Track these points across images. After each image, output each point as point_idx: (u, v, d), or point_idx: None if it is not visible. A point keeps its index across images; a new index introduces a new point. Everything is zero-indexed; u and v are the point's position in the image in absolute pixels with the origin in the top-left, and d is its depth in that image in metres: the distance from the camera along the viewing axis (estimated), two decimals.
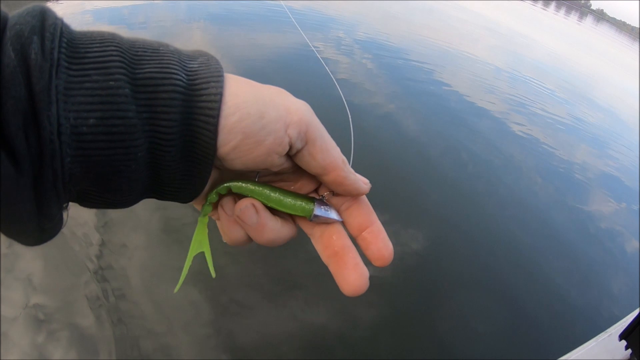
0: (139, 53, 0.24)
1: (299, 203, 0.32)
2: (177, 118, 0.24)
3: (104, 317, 1.73)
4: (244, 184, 0.31)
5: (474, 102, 5.20)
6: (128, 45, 0.24)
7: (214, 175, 0.30)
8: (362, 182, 0.31)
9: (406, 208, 2.95)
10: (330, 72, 4.51)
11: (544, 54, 11.90)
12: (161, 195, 0.28)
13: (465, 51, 7.90)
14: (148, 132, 0.23)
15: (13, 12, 0.23)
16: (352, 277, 0.30)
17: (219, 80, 0.25)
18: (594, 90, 9.50)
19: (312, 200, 0.33)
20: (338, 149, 0.30)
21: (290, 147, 0.28)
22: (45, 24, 0.22)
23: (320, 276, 2.20)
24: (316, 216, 0.32)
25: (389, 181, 3.16)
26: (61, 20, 0.23)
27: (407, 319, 2.14)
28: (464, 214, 3.08)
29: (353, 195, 0.32)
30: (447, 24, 10.98)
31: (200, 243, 0.34)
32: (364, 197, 0.33)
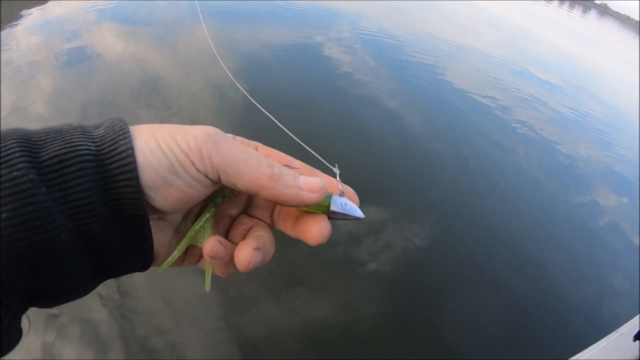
0: (42, 138, 0.25)
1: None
2: (92, 187, 0.24)
3: (113, 314, 1.73)
4: None
5: (477, 96, 5.18)
6: (31, 134, 0.25)
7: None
8: (308, 191, 0.30)
9: (409, 204, 2.95)
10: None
11: (547, 48, 11.81)
12: (115, 271, 0.28)
13: (468, 46, 7.86)
14: (65, 210, 0.23)
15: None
16: (315, 228, 0.31)
17: (125, 136, 0.26)
18: (597, 84, 9.44)
19: (329, 195, 0.32)
20: (261, 165, 0.28)
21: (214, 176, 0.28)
22: None
23: (324, 271, 2.21)
24: (334, 212, 0.31)
25: (391, 178, 3.16)
26: None
27: (410, 314, 2.15)
28: (466, 211, 3.07)
29: (302, 206, 0.31)
30: (450, 19, 10.91)
31: (198, 234, 0.32)
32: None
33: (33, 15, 4.30)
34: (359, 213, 0.32)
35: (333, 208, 0.31)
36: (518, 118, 4.98)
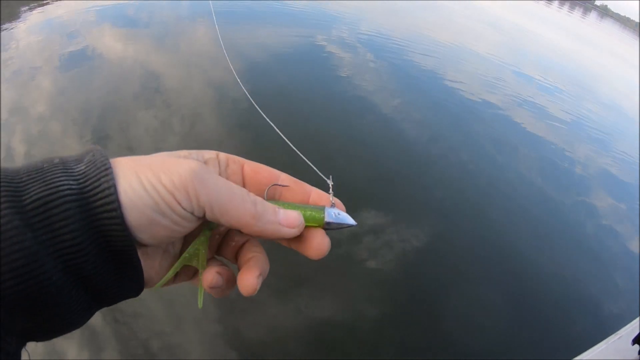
0: (23, 179, 0.24)
1: (309, 213, 0.32)
2: (78, 227, 0.24)
3: (111, 315, 1.73)
4: None
5: (477, 98, 5.18)
6: (12, 174, 0.24)
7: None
8: (287, 227, 0.31)
9: (409, 204, 2.95)
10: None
11: (547, 49, 11.82)
12: (108, 301, 0.28)
13: (468, 47, 7.86)
14: (53, 253, 0.23)
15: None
16: (316, 243, 0.32)
17: (107, 173, 0.25)
18: (598, 85, 9.44)
19: (322, 208, 0.33)
20: (245, 203, 0.29)
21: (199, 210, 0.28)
22: None
23: (325, 271, 2.21)
24: (328, 223, 0.33)
25: (391, 178, 3.16)
26: None
27: (411, 313, 2.15)
28: (466, 210, 3.07)
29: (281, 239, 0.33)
30: (451, 20, 10.91)
31: (193, 255, 0.32)
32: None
33: (34, 15, 4.30)
34: (352, 221, 0.34)
35: (327, 219, 0.33)
36: (518, 119, 4.99)
